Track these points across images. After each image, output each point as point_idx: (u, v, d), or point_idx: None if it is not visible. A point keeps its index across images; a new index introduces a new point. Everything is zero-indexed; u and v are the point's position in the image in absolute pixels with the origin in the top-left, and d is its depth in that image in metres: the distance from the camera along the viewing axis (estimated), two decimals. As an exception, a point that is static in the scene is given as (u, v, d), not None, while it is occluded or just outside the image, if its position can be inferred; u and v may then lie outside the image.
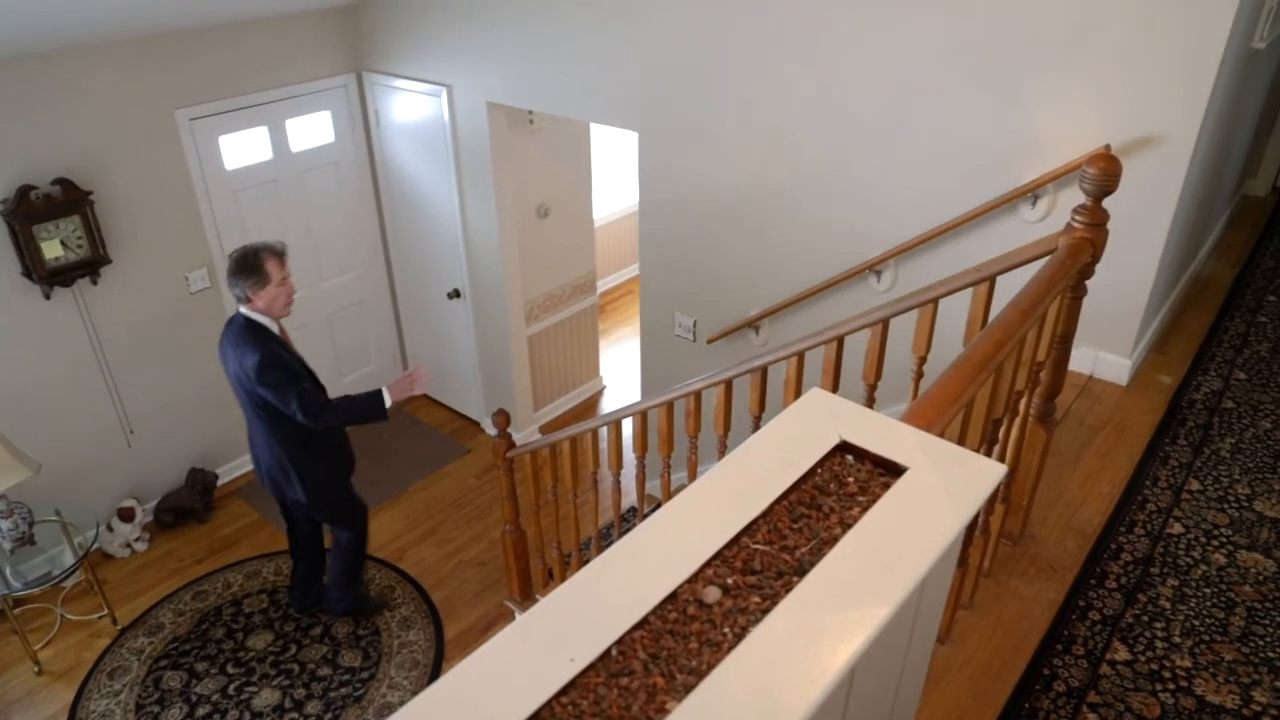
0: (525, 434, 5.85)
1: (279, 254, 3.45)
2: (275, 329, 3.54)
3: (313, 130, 5.31)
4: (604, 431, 3.31)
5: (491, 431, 3.64)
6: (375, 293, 6.01)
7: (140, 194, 4.64)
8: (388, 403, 3.62)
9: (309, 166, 5.33)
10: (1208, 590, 2.33)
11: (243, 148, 5.03)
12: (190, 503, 5.18)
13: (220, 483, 5.46)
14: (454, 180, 5.16)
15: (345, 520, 4.07)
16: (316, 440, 3.73)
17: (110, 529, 4.91)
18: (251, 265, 3.39)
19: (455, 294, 5.64)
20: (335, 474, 3.93)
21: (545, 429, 6.01)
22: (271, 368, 3.41)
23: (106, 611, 4.54)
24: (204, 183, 4.87)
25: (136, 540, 4.99)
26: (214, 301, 5.10)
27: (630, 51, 3.92)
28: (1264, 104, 4.22)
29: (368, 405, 3.61)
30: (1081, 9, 2.79)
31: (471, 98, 4.77)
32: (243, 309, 3.48)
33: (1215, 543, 2.49)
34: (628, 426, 3.31)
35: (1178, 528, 2.55)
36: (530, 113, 5.01)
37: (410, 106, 5.18)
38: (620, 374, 6.62)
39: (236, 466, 5.57)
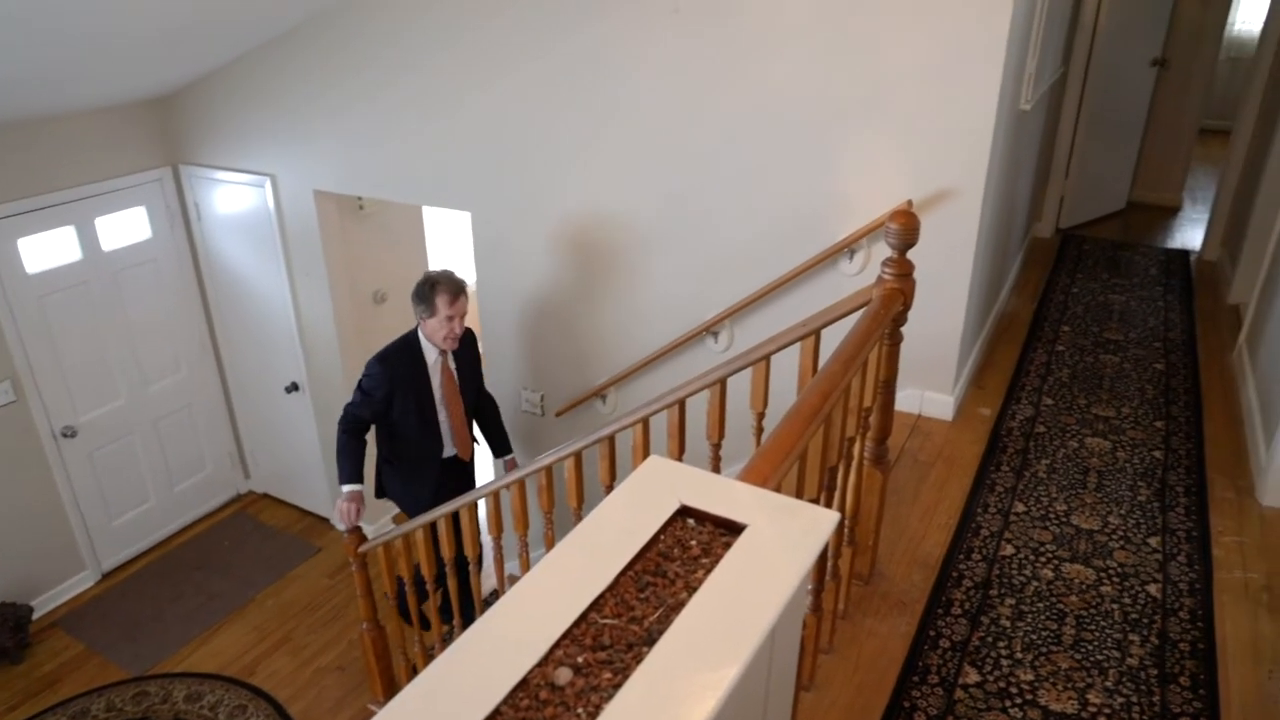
0: (379, 525, 5.63)
1: (454, 291, 3.57)
2: (433, 355, 3.72)
3: (127, 227, 5.03)
4: (459, 515, 3.23)
5: (341, 527, 3.51)
6: (206, 392, 5.68)
7: (-74, 307, 4.25)
8: (343, 490, 3.65)
9: (124, 265, 5.03)
10: (1041, 605, 2.50)
11: (47, 249, 4.69)
12: None
13: (37, 615, 4.94)
14: (284, 271, 5.00)
15: None
16: (395, 446, 3.86)
17: (-97, 684, 4.35)
18: (422, 294, 3.58)
19: (293, 387, 5.42)
20: (402, 486, 3.99)
21: (400, 518, 5.79)
22: (366, 377, 3.66)
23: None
24: (1, 289, 4.51)
25: (-64, 693, 4.43)
26: (20, 416, 4.68)
27: (456, 133, 3.96)
28: (1038, 156, 4.69)
29: (343, 472, 3.68)
30: (874, 79, 3.04)
31: (297, 186, 4.66)
32: (418, 324, 3.70)
33: (1042, 559, 2.68)
34: (482, 508, 3.24)
35: (1009, 549, 2.73)
36: (360, 198, 4.95)
37: (233, 198, 5.00)
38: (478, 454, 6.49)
39: (57, 594, 5.06)
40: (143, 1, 3.34)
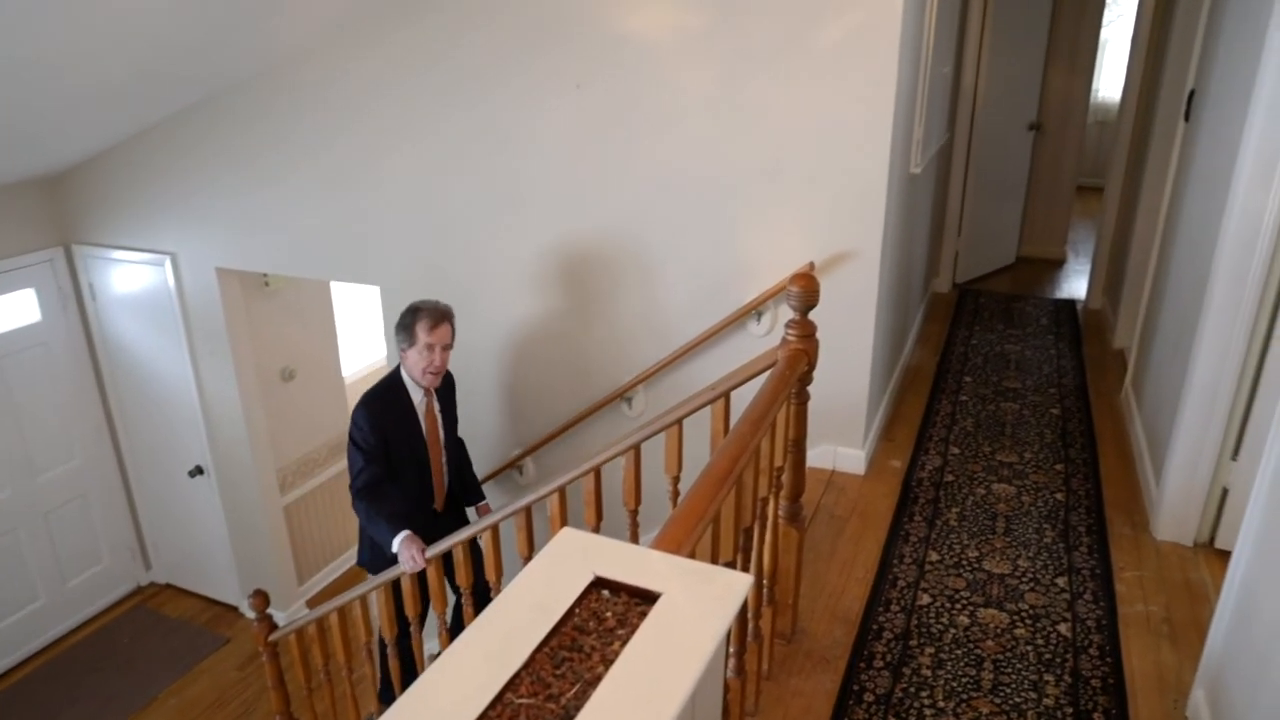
0: (291, 611, 5.40)
1: (436, 317, 3.23)
2: (418, 395, 3.38)
3: (14, 310, 4.81)
4: (374, 597, 3.13)
5: (250, 615, 3.29)
6: (103, 481, 5.41)
7: None
8: (395, 546, 3.12)
9: (11, 350, 4.80)
10: (959, 652, 2.54)
11: (-76, 338, 4.46)
12: None
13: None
14: (186, 351, 4.84)
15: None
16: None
17: None
18: (404, 322, 3.26)
19: (198, 471, 5.21)
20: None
21: (313, 602, 5.57)
22: (356, 429, 3.27)
23: None
24: (-126, 382, 4.24)
25: None
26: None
27: (362, 208, 3.94)
28: (932, 216, 4.92)
29: (381, 530, 3.18)
30: (772, 149, 3.17)
31: (198, 264, 4.55)
32: (400, 363, 3.36)
33: (958, 606, 2.74)
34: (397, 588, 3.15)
35: (926, 598, 2.78)
36: (265, 275, 4.85)
37: (131, 278, 4.84)
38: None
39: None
40: (33, 77, 3.26)
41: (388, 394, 3.35)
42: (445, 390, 3.54)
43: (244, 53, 3.72)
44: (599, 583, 1.17)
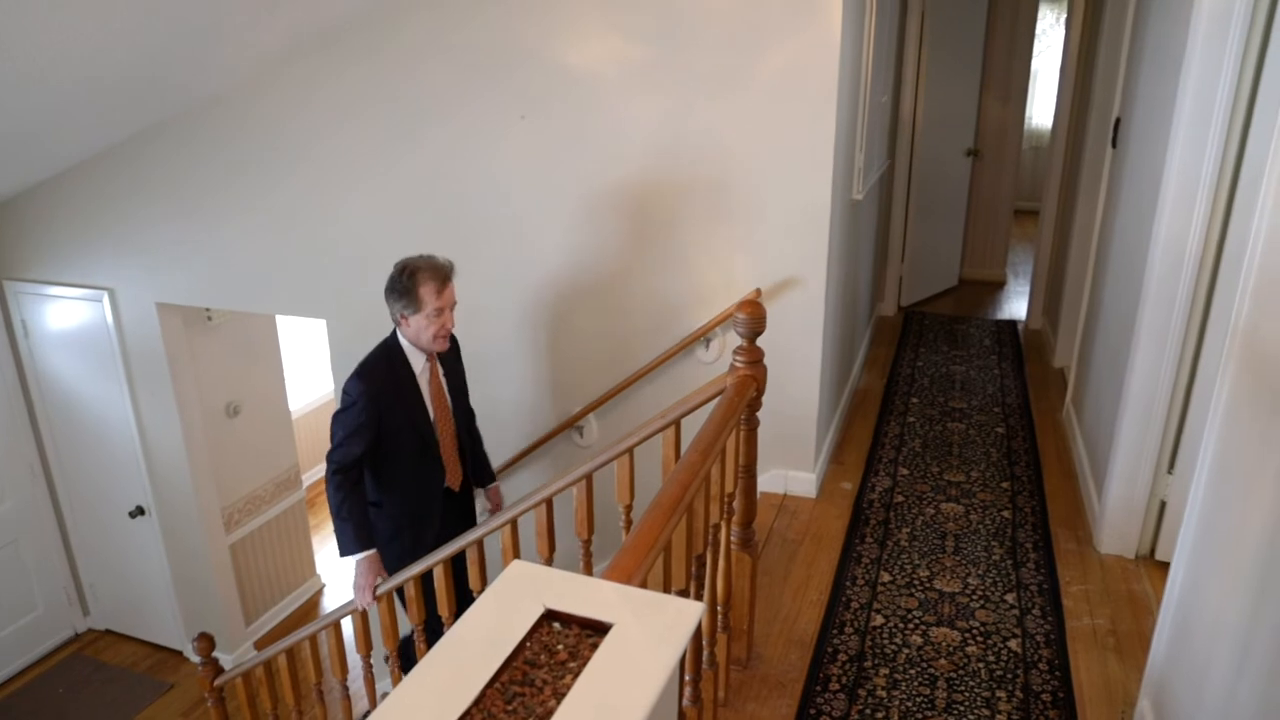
0: (239, 653, 5.25)
1: (442, 276, 2.92)
2: (420, 362, 3.02)
3: (-59, 352, 4.66)
4: (323, 636, 3.06)
5: (195, 659, 3.13)
6: (36, 524, 5.22)
7: None
8: (354, 555, 2.91)
9: (-62, 393, 4.64)
10: (913, 672, 2.57)
11: None
12: None
13: None
14: (126, 389, 4.72)
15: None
16: (386, 484, 3.07)
17: None
18: (401, 286, 2.90)
19: (138, 511, 5.06)
20: (394, 538, 3.11)
21: (261, 643, 5.42)
22: (344, 409, 2.91)
23: None
24: None
25: None
26: None
27: (308, 240, 3.90)
28: (875, 241, 5.02)
29: (346, 536, 2.91)
30: (718, 178, 3.22)
31: (138, 300, 4.45)
32: (396, 328, 3.01)
33: (910, 625, 2.77)
34: (348, 626, 3.09)
35: (879, 619, 2.80)
36: (207, 309, 4.76)
37: (67, 314, 4.72)
38: (341, 568, 6.19)
39: None
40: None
41: (385, 362, 2.99)
42: (449, 353, 3.19)
43: (182, 86, 3.67)
44: (550, 615, 1.16)
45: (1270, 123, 1.69)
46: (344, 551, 2.89)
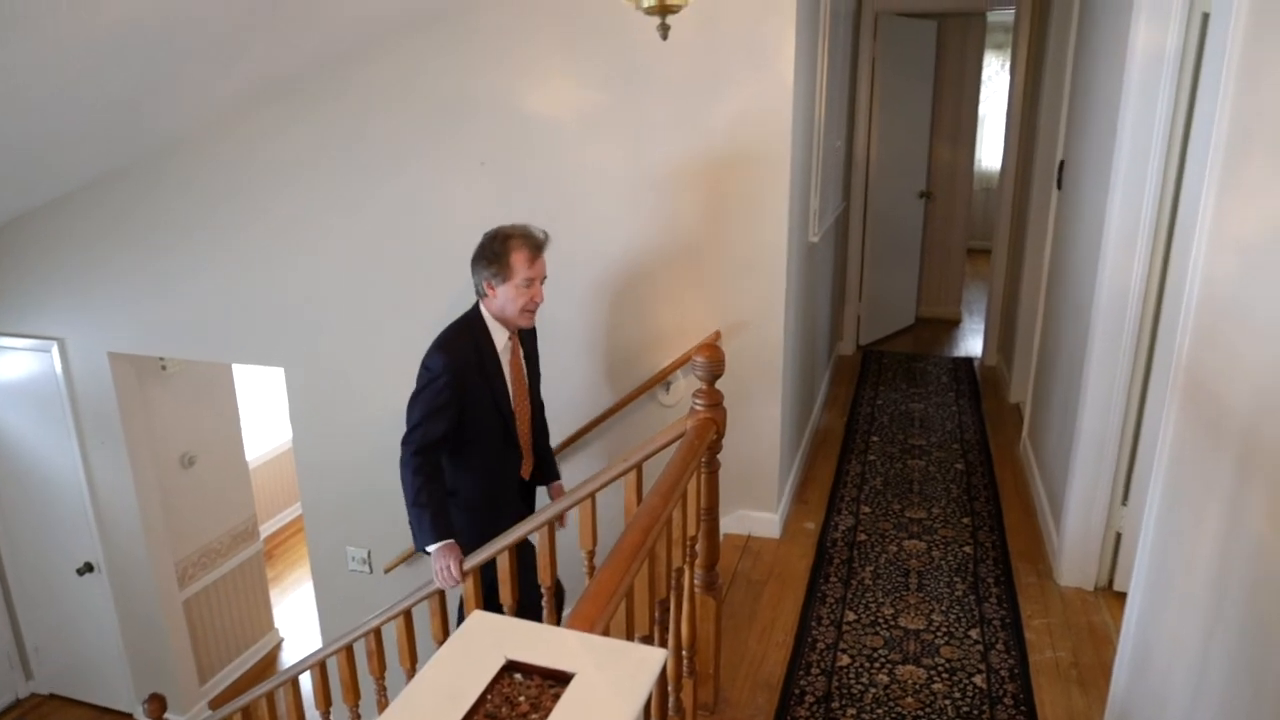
0: (193, 714, 5.08)
1: (535, 246, 2.72)
2: (503, 339, 2.80)
3: (-119, 407, 4.51)
4: (280, 694, 2.98)
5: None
6: (-21, 585, 5.05)
7: None
8: (430, 547, 2.67)
9: (-123, 449, 4.49)
10: (880, 711, 2.56)
11: None
12: None
13: None
14: (74, 441, 4.60)
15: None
16: (465, 471, 2.85)
17: None
18: (493, 252, 2.70)
19: (87, 568, 4.90)
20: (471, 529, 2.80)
21: (216, 702, 5.25)
22: (424, 387, 2.69)
23: None
24: None
25: None
26: None
27: (264, 288, 3.86)
28: (833, 281, 5.10)
29: (423, 524, 2.69)
30: (676, 221, 3.25)
31: (89, 349, 4.36)
32: (480, 302, 2.78)
33: (876, 664, 2.76)
34: (306, 681, 3.01)
35: (845, 659, 2.80)
36: (161, 358, 4.68)
37: (13, 365, 4.61)
38: (300, 621, 6.04)
39: None
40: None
41: (467, 335, 2.78)
42: (528, 336, 3.02)
43: (136, 135, 3.64)
44: (511, 666, 1.15)
45: (1203, 163, 1.76)
46: (421, 542, 2.69)
